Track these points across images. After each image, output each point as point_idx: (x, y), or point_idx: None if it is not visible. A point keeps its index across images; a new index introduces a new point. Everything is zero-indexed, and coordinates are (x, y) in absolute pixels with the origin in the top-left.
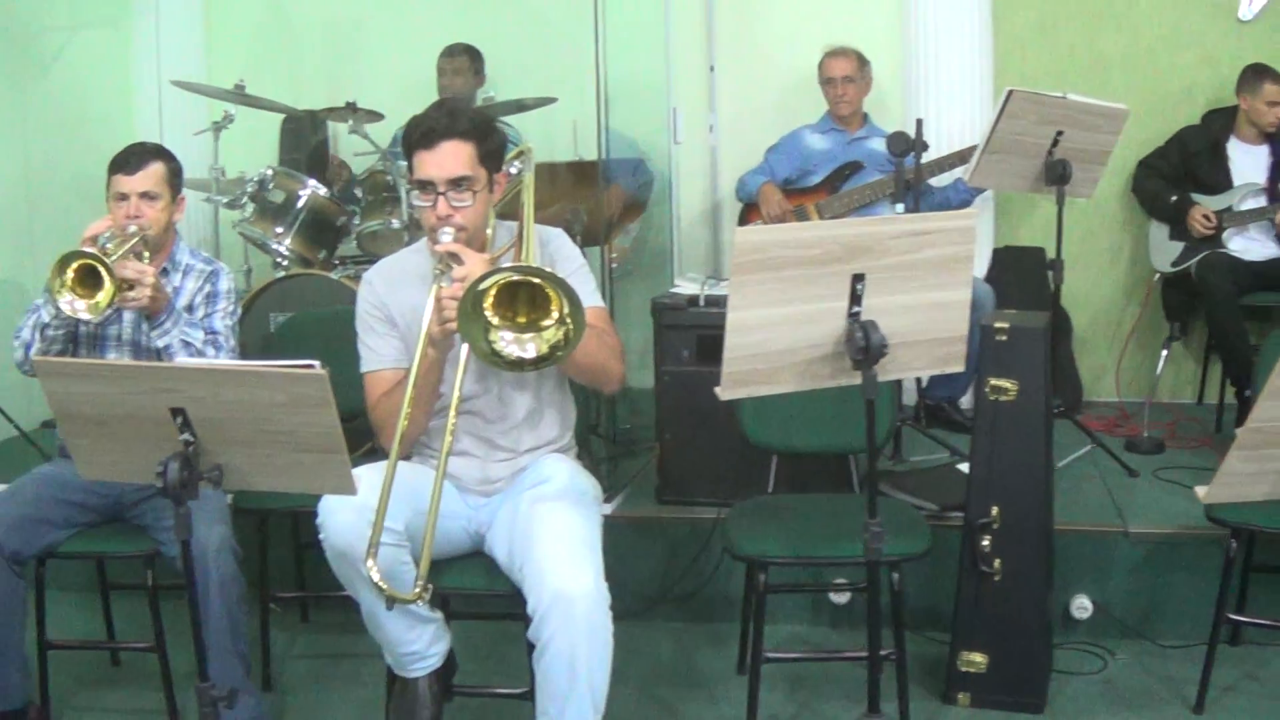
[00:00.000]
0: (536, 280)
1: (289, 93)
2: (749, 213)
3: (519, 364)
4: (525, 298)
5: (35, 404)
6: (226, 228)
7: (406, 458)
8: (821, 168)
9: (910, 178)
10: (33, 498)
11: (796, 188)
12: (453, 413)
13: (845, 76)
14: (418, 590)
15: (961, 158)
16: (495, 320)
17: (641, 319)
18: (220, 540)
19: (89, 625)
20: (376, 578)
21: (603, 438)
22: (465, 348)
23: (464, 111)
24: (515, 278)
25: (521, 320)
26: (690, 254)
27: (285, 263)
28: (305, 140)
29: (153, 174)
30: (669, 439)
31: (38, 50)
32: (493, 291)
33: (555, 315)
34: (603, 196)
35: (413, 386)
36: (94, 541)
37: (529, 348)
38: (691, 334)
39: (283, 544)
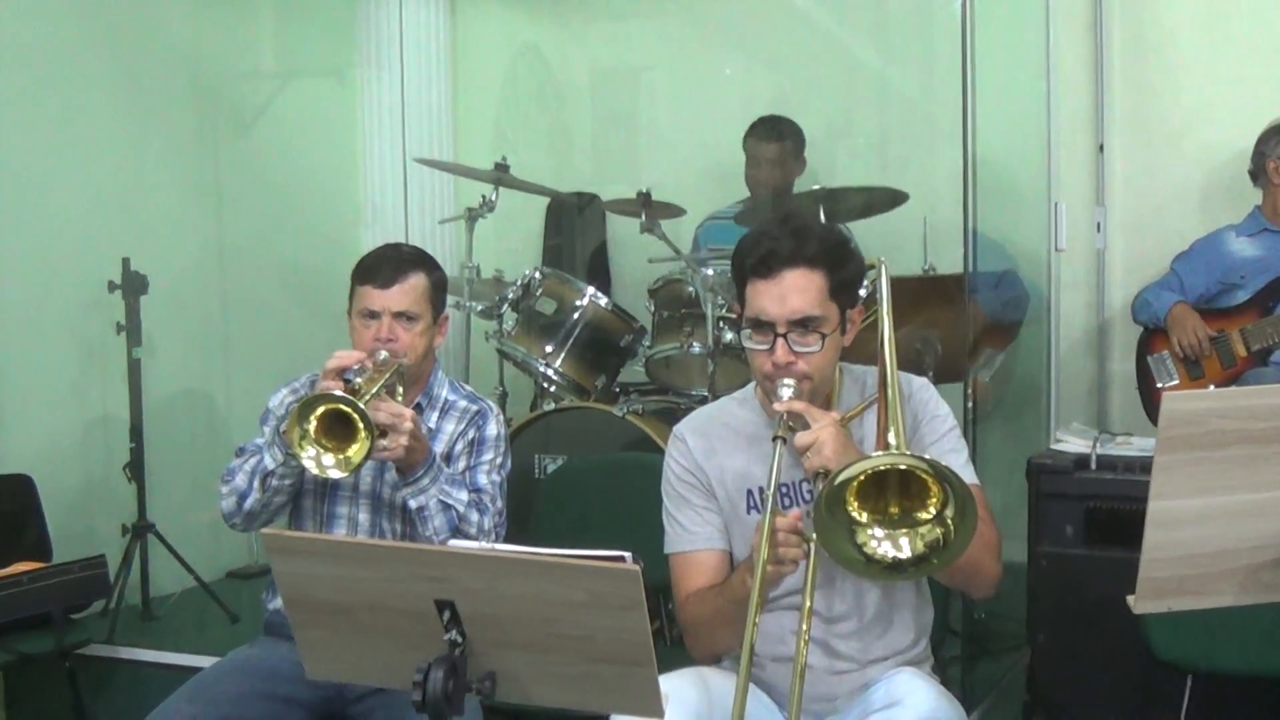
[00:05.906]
0: (905, 466)
1: (550, 172)
2: (1153, 340)
3: (898, 567)
4: (896, 483)
5: (222, 551)
6: (479, 339)
7: (716, 661)
8: (1251, 281)
9: None
10: (233, 695)
11: (1216, 307)
12: (805, 623)
13: None
14: None
15: None
16: (863, 517)
17: (1003, 476)
18: None
19: None
20: None
21: (954, 633)
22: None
23: (813, 231)
24: (885, 467)
25: (894, 511)
26: (1069, 390)
27: (554, 390)
28: (570, 228)
29: (412, 288)
30: (1043, 641)
31: (236, 102)
32: (856, 484)
33: (934, 510)
34: (965, 320)
35: (748, 603)
36: None
37: (902, 544)
38: (1079, 506)
39: None
